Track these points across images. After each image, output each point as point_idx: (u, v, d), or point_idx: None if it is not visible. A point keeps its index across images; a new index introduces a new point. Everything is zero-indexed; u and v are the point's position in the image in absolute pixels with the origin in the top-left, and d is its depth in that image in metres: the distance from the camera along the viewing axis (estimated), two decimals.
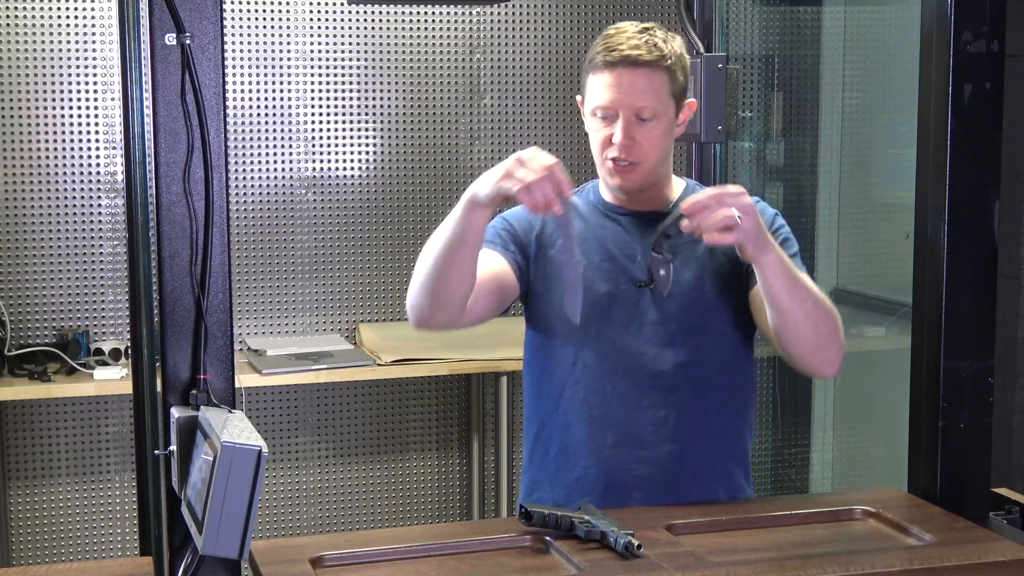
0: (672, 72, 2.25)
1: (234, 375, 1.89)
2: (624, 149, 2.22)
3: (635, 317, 2.28)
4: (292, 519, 4.47)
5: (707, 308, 2.30)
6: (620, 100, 2.21)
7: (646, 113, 2.22)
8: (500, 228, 2.36)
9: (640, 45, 2.23)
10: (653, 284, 2.26)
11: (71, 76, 4.13)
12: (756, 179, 4.33)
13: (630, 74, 2.21)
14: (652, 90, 2.22)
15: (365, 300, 4.46)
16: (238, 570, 1.87)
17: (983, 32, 2.19)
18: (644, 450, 2.28)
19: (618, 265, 2.30)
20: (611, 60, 2.22)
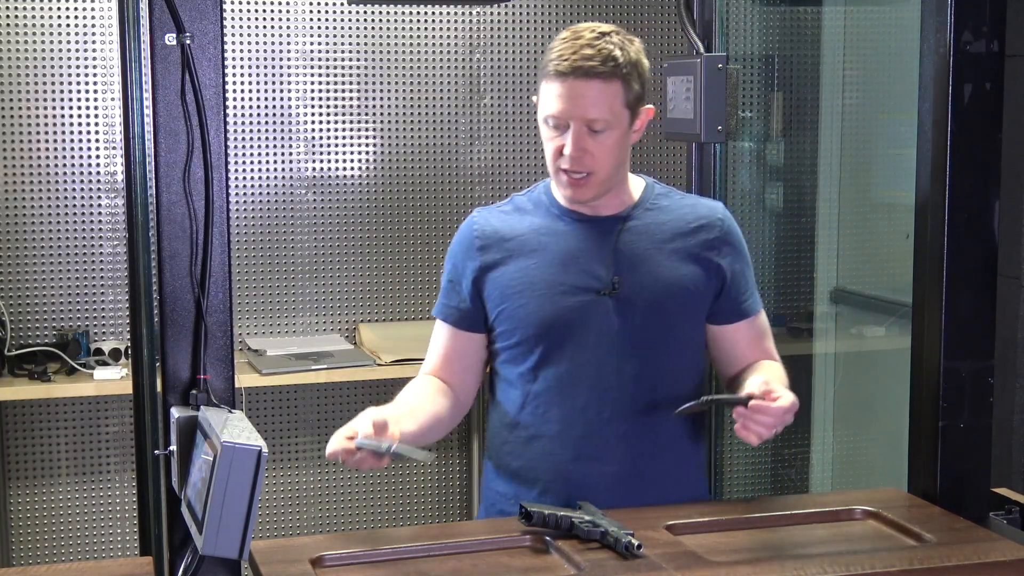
0: (627, 81, 2.19)
1: (234, 375, 1.89)
2: (575, 161, 2.19)
3: (597, 328, 2.24)
4: (292, 519, 4.48)
5: (670, 321, 2.27)
6: (571, 111, 2.17)
7: (597, 125, 2.18)
8: (449, 292, 2.34)
9: (593, 55, 2.16)
10: (616, 291, 2.24)
11: (71, 76, 4.13)
12: (756, 179, 4.33)
13: (582, 85, 2.16)
14: (604, 101, 2.17)
15: (365, 300, 4.46)
16: (238, 570, 1.87)
17: (983, 32, 2.19)
18: (605, 464, 2.26)
19: (576, 273, 2.25)
20: (562, 70, 2.16)
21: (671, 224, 2.30)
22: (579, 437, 2.26)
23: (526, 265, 2.27)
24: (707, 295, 2.30)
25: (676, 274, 2.27)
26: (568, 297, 2.24)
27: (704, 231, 2.31)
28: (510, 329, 2.27)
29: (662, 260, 2.27)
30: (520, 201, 2.36)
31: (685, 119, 3.18)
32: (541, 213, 2.32)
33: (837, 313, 4.22)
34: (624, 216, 2.29)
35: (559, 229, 2.29)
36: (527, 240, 2.29)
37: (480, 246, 2.30)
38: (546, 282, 2.25)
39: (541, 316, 2.24)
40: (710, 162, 3.43)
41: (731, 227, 2.34)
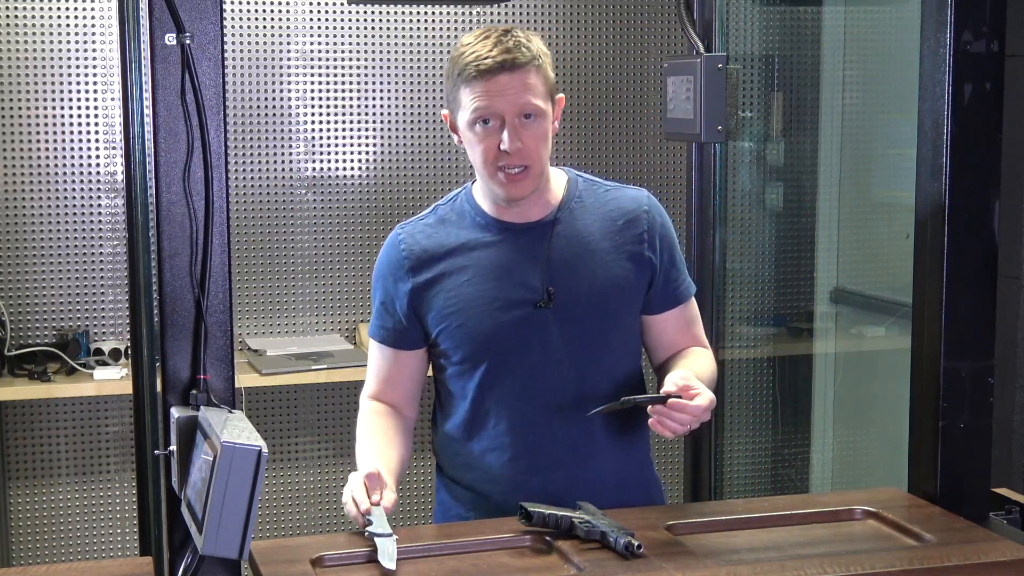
0: (543, 70, 2.21)
1: (234, 375, 1.89)
2: (516, 154, 2.17)
3: (538, 340, 2.24)
4: (292, 519, 4.48)
5: (608, 323, 2.27)
6: (502, 103, 2.16)
7: (529, 110, 2.17)
8: (382, 313, 2.33)
9: (512, 48, 2.17)
10: (552, 301, 2.23)
11: (71, 76, 4.13)
12: (756, 179, 4.33)
13: (508, 77, 2.16)
14: (531, 88, 2.17)
15: (365, 300, 4.46)
16: (238, 570, 1.87)
17: (983, 32, 2.19)
18: (558, 471, 2.26)
19: (510, 287, 2.24)
20: (485, 68, 2.15)
21: (598, 224, 2.29)
22: (531, 447, 2.26)
23: (459, 282, 2.26)
24: (640, 290, 2.29)
25: (609, 275, 2.26)
26: (505, 312, 2.24)
27: (632, 226, 2.30)
28: (452, 348, 2.27)
29: (594, 264, 2.26)
30: (443, 211, 2.34)
31: (685, 119, 3.18)
32: (467, 224, 2.30)
33: (837, 313, 4.22)
34: (551, 221, 2.27)
35: (487, 241, 2.27)
36: (456, 256, 2.27)
37: (409, 267, 2.29)
38: (482, 298, 2.24)
39: (481, 334, 2.24)
40: (710, 162, 3.43)
41: (656, 217, 2.32)
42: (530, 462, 2.26)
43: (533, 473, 2.26)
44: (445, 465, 2.39)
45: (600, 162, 4.55)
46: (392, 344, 2.34)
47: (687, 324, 2.36)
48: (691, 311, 2.37)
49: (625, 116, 4.60)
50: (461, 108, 2.20)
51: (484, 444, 2.29)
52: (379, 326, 2.36)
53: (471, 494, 2.32)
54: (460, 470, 2.34)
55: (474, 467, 2.31)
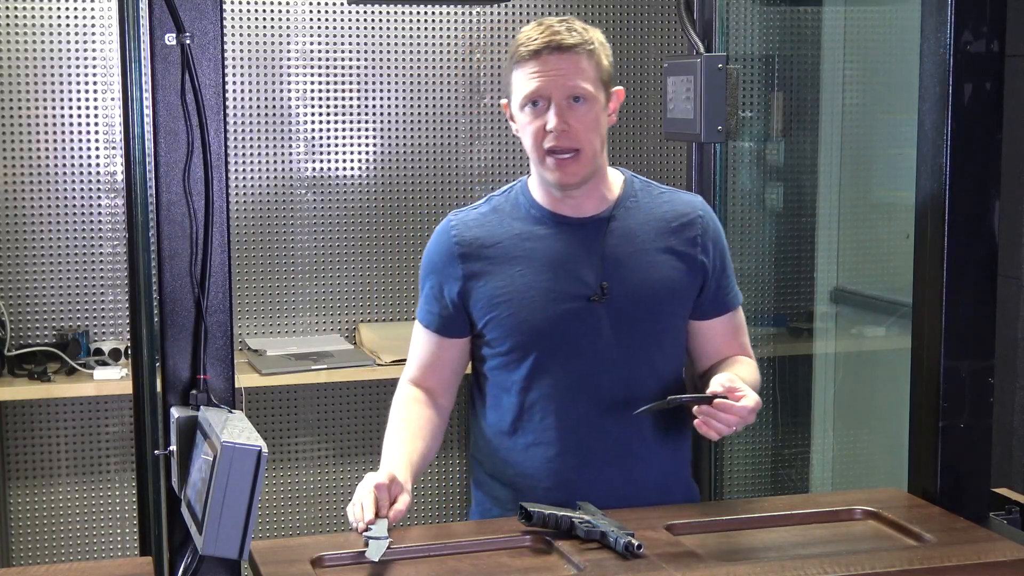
0: (596, 56, 2.22)
1: (234, 375, 1.89)
2: (561, 135, 2.18)
3: (589, 334, 2.24)
4: (292, 519, 4.48)
5: (659, 322, 2.27)
6: (550, 83, 2.18)
7: (578, 92, 2.18)
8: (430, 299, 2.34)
9: (561, 31, 2.20)
10: (606, 296, 2.24)
11: (71, 76, 4.13)
12: (756, 179, 4.33)
13: (556, 58, 2.18)
14: (581, 72, 2.19)
15: (365, 300, 4.46)
16: (238, 570, 1.87)
17: (983, 32, 2.19)
18: (605, 468, 2.26)
19: (564, 279, 2.24)
20: (535, 48, 2.19)
21: (653, 223, 2.29)
22: (578, 443, 2.25)
23: (512, 273, 2.25)
24: (691, 293, 2.30)
25: (662, 275, 2.27)
26: (558, 304, 2.23)
27: (687, 228, 2.30)
28: (500, 337, 2.26)
29: (648, 262, 2.27)
30: (497, 202, 2.34)
31: (685, 119, 3.18)
32: (521, 216, 2.30)
33: (837, 313, 4.21)
34: (606, 217, 2.28)
35: (541, 234, 2.27)
36: (509, 247, 2.27)
37: (461, 253, 2.29)
38: (535, 289, 2.24)
39: (532, 324, 2.23)
40: (710, 162, 3.43)
41: (710, 222, 2.33)
42: (579, 458, 2.25)
43: (580, 469, 2.25)
44: (484, 462, 2.37)
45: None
46: (437, 330, 2.33)
47: (734, 332, 2.36)
48: (739, 320, 2.38)
49: (625, 116, 4.60)
50: (513, 91, 2.24)
51: (529, 438, 2.28)
52: (426, 311, 2.35)
53: (511, 492, 2.29)
54: (500, 466, 2.32)
55: (516, 463, 2.29)
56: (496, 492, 2.33)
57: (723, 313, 2.34)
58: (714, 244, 2.32)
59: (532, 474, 2.27)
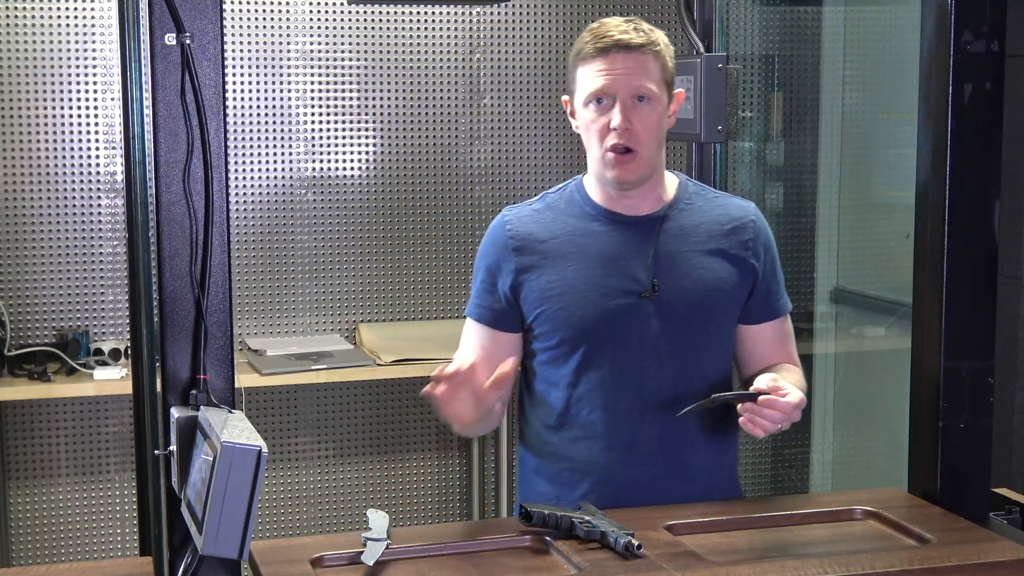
0: (662, 58, 2.24)
1: (234, 375, 1.89)
2: (624, 133, 2.20)
3: (638, 331, 2.25)
4: (292, 519, 4.48)
5: (708, 322, 2.29)
6: (616, 82, 2.20)
7: (643, 91, 2.21)
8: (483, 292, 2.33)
9: (629, 31, 2.22)
10: (656, 294, 2.25)
11: (71, 76, 4.13)
12: (756, 179, 4.33)
13: (623, 57, 2.20)
14: (647, 72, 2.21)
15: (365, 300, 4.46)
16: (238, 570, 1.87)
17: (983, 32, 2.19)
18: (651, 465, 2.27)
19: (616, 277, 2.26)
20: (603, 46, 2.21)
21: (706, 225, 2.32)
22: (624, 439, 2.27)
23: (564, 268, 2.27)
24: (742, 295, 2.32)
25: (713, 275, 2.28)
26: (609, 300, 2.25)
27: (739, 232, 2.32)
28: (550, 331, 2.27)
29: (699, 262, 2.29)
30: (552, 199, 2.36)
31: (685, 119, 3.18)
32: (575, 213, 2.32)
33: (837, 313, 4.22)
34: (660, 217, 2.30)
35: (595, 231, 2.29)
36: (563, 242, 2.29)
37: (515, 247, 2.30)
38: (586, 285, 2.25)
39: (583, 319, 2.25)
40: (710, 162, 3.43)
41: (762, 228, 2.36)
42: (624, 453, 2.27)
43: (626, 464, 2.27)
44: (531, 456, 2.38)
45: None
46: (491, 324, 2.33)
47: (782, 340, 2.38)
48: (787, 327, 2.40)
49: None
50: (578, 87, 2.25)
51: (576, 432, 2.29)
52: (478, 305, 2.35)
53: (556, 486, 2.31)
54: (547, 460, 2.33)
55: (563, 457, 2.31)
56: (541, 487, 2.35)
57: (771, 319, 2.36)
58: (765, 249, 2.34)
59: (578, 468, 2.29)
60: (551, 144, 4.54)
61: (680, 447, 2.28)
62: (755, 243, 2.33)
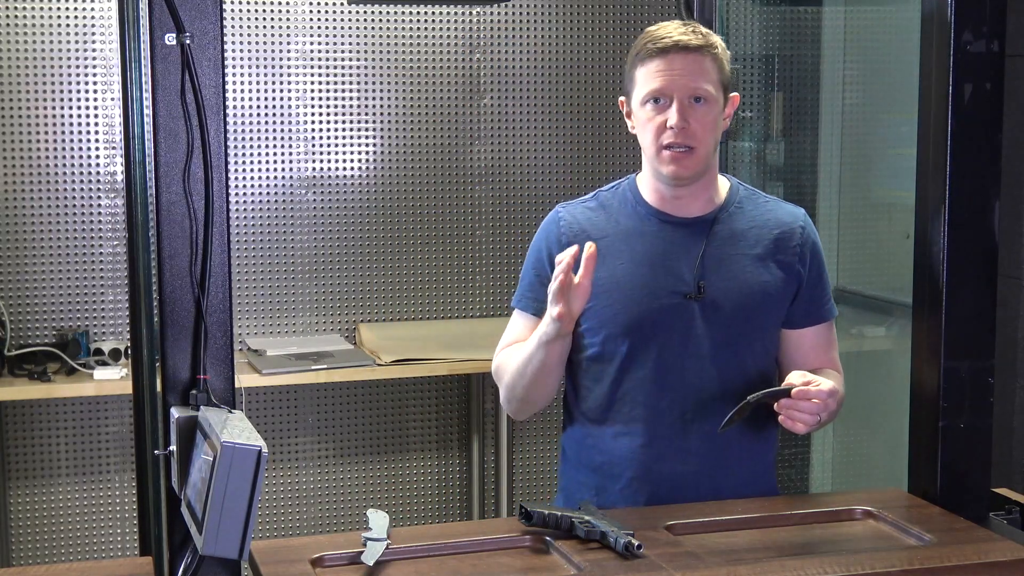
0: (719, 60, 2.27)
1: (234, 375, 1.89)
2: (680, 132, 2.22)
3: (682, 331, 2.28)
4: (292, 519, 4.47)
5: (752, 325, 2.31)
6: (674, 83, 2.23)
7: (700, 92, 2.23)
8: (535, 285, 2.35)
9: (688, 33, 2.25)
10: (702, 295, 2.27)
11: (71, 76, 4.13)
12: (756, 179, 4.33)
13: (682, 58, 2.23)
14: (704, 73, 2.24)
15: (365, 300, 4.46)
16: (238, 570, 1.87)
17: (983, 32, 2.19)
18: (688, 463, 2.29)
19: (663, 276, 2.29)
20: (663, 46, 2.23)
21: (756, 230, 2.34)
22: (664, 437, 2.29)
23: (613, 265, 2.29)
24: (786, 300, 2.34)
25: (760, 279, 2.30)
26: (655, 299, 2.27)
27: (787, 238, 2.34)
28: (595, 327, 2.30)
29: (746, 265, 2.30)
30: (605, 197, 2.39)
31: None
32: (627, 212, 2.35)
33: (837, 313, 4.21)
34: (710, 219, 2.32)
35: (646, 231, 2.32)
36: (614, 241, 2.32)
37: (567, 242, 2.32)
38: (634, 283, 2.28)
39: (628, 317, 2.27)
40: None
41: (812, 234, 2.38)
42: (664, 450, 2.29)
43: (665, 460, 2.29)
44: (572, 449, 2.40)
45: (601, 162, 4.55)
46: (537, 314, 2.33)
47: (826, 345, 2.39)
48: (831, 333, 2.41)
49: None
50: (636, 87, 2.28)
51: (617, 428, 2.31)
52: (527, 296, 2.38)
53: (597, 478, 2.34)
54: (588, 453, 2.36)
55: (604, 451, 2.33)
56: (582, 478, 2.37)
57: (815, 324, 2.37)
58: (812, 255, 2.36)
59: (618, 463, 2.31)
60: (551, 144, 4.54)
61: (720, 447, 2.29)
62: (802, 249, 2.35)
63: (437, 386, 4.53)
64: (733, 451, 2.31)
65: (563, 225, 2.35)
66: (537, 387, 2.32)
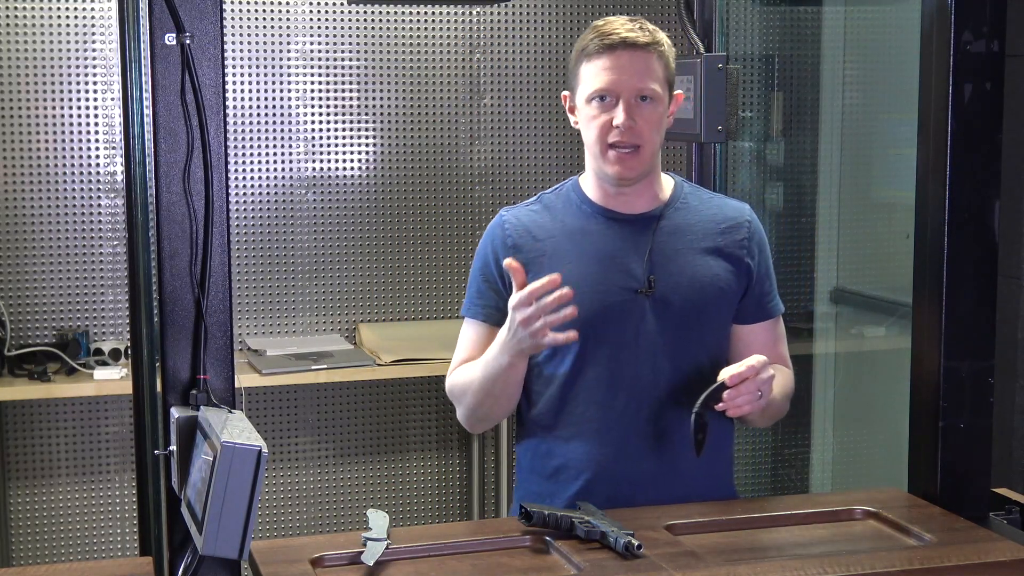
0: (665, 58, 2.26)
1: (234, 375, 1.89)
2: (627, 131, 2.21)
3: (634, 327, 2.26)
4: (292, 519, 4.48)
5: (704, 319, 2.29)
6: (621, 81, 2.22)
7: (647, 92, 2.22)
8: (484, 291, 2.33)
9: (635, 30, 2.24)
10: (652, 290, 2.25)
11: (71, 76, 4.13)
12: (756, 179, 4.33)
13: (629, 55, 2.22)
14: (651, 71, 2.23)
15: (365, 300, 4.46)
16: (238, 570, 1.87)
17: (983, 32, 2.19)
18: (645, 462, 2.27)
19: (612, 273, 2.27)
20: (609, 43, 2.22)
21: (702, 224, 2.33)
22: (619, 436, 2.27)
23: (561, 264, 2.27)
24: (737, 293, 2.32)
25: (709, 273, 2.29)
26: (607, 296, 2.26)
27: (734, 231, 2.34)
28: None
29: (695, 259, 2.29)
30: (549, 199, 2.38)
31: (685, 119, 3.18)
32: (572, 212, 2.33)
33: (837, 313, 4.22)
34: (656, 215, 2.31)
35: (592, 229, 2.31)
36: (560, 241, 2.30)
37: (513, 244, 2.31)
38: (583, 281, 2.25)
39: (581, 316, 2.22)
40: (710, 162, 3.43)
41: (758, 228, 2.37)
42: (619, 450, 2.27)
43: (620, 461, 2.27)
44: (526, 459, 2.38)
45: None
46: (495, 323, 2.30)
47: (774, 341, 2.38)
48: (779, 329, 2.40)
49: None
50: (580, 83, 2.26)
51: (571, 430, 2.29)
52: (481, 305, 2.34)
53: (552, 484, 2.31)
54: (542, 459, 2.33)
55: (558, 455, 2.31)
56: (536, 486, 2.35)
57: (764, 319, 2.36)
58: (760, 250, 2.36)
59: (573, 465, 2.29)
60: (551, 144, 4.54)
61: (675, 443, 2.27)
62: (750, 243, 2.34)
63: (437, 386, 4.53)
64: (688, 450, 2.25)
65: (508, 228, 2.33)
66: (504, 401, 2.29)
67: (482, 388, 2.26)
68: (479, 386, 2.26)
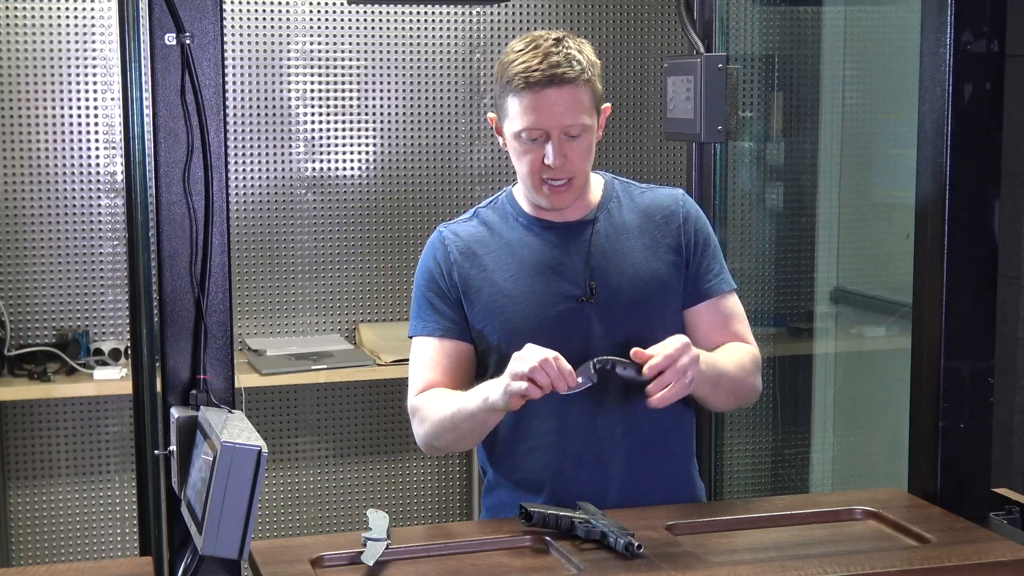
0: (592, 84, 2.21)
1: (234, 375, 1.89)
2: (559, 168, 2.19)
3: (582, 335, 2.24)
4: (292, 519, 4.48)
5: (650, 316, 2.27)
6: (548, 120, 2.17)
7: (575, 130, 2.18)
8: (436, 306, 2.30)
9: (561, 62, 2.16)
10: (594, 296, 2.24)
11: (71, 76, 4.13)
12: (756, 179, 4.33)
13: (555, 93, 2.16)
14: (578, 107, 2.18)
15: (365, 300, 4.46)
16: (238, 570, 1.87)
17: (983, 32, 2.19)
18: (605, 468, 2.26)
19: (554, 282, 2.25)
20: (534, 80, 2.15)
21: (636, 221, 2.31)
22: (578, 444, 2.25)
23: (503, 278, 2.26)
24: (680, 282, 2.30)
25: (649, 268, 2.27)
26: (550, 307, 2.24)
27: (669, 220, 2.31)
28: (496, 344, 2.26)
29: (634, 258, 2.28)
30: (484, 214, 2.36)
31: (685, 119, 3.18)
32: (509, 225, 2.32)
33: (837, 313, 4.21)
34: (591, 220, 2.30)
35: (530, 240, 2.29)
36: (500, 255, 2.29)
37: (454, 261, 2.30)
38: (526, 294, 2.24)
39: (526, 328, 2.23)
40: (710, 162, 3.43)
41: (691, 210, 2.34)
42: (579, 459, 2.25)
43: (581, 470, 2.25)
44: (491, 469, 2.37)
45: (599, 162, 4.55)
46: (442, 335, 2.29)
47: (724, 320, 2.32)
48: (728, 306, 2.33)
49: (625, 116, 4.60)
50: (508, 117, 2.22)
51: (530, 443, 2.28)
52: (424, 322, 2.31)
53: (521, 491, 2.29)
54: (505, 472, 2.32)
55: (519, 468, 2.30)
56: (503, 498, 2.33)
57: (706, 299, 2.31)
58: (696, 231, 2.32)
59: (536, 478, 2.27)
60: None
61: (634, 447, 2.26)
62: (685, 226, 2.31)
63: None
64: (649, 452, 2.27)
65: (449, 243, 2.31)
66: (470, 441, 2.26)
67: (453, 425, 2.20)
68: (451, 423, 2.21)
